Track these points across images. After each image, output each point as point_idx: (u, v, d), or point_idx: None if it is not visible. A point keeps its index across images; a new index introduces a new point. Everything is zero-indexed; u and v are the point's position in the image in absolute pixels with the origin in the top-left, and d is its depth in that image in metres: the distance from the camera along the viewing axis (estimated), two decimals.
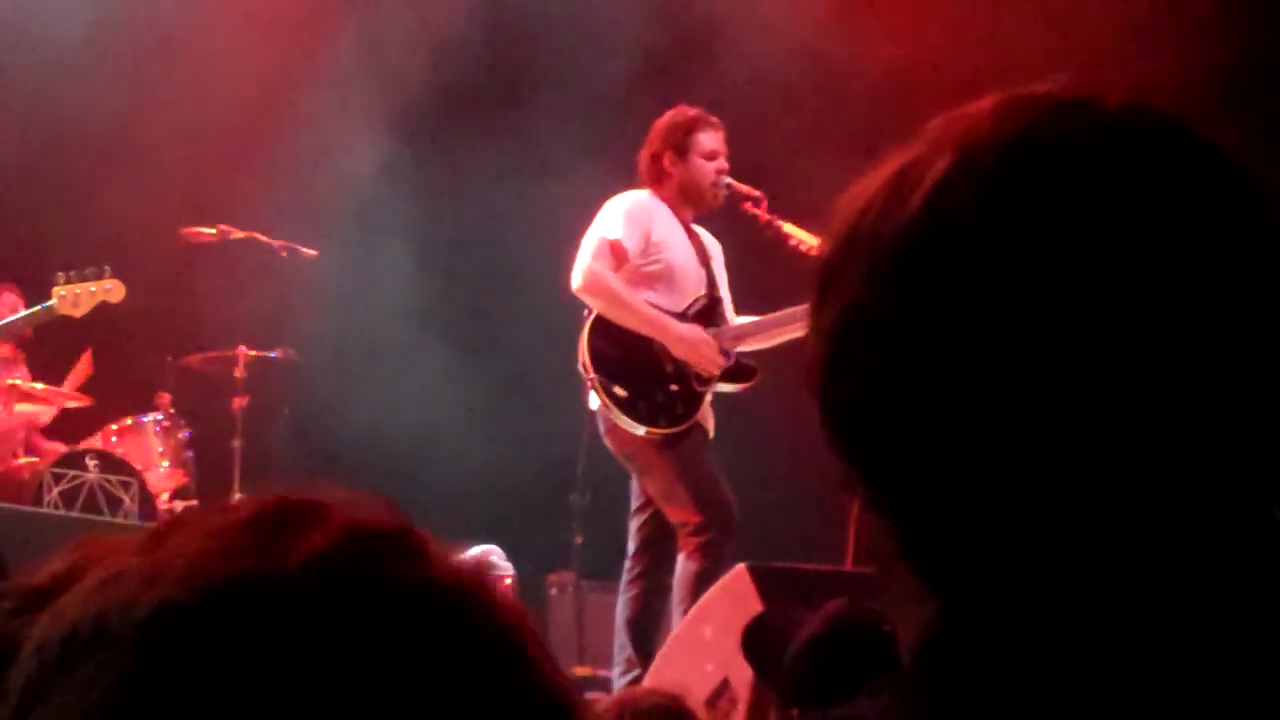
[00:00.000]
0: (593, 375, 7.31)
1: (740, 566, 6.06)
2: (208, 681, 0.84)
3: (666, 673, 6.02)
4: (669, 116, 7.65)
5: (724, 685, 5.56)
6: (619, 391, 7.29)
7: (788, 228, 7.53)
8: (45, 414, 9.76)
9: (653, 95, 8.28)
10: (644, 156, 7.58)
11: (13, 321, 7.91)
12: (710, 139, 7.59)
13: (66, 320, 7.78)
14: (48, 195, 10.06)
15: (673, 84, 9.19)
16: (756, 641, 4.13)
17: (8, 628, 1.71)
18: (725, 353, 7.42)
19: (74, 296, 7.70)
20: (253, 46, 10.77)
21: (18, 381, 9.56)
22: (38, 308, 7.78)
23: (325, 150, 10.76)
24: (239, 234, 9.55)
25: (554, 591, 9.25)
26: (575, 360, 7.38)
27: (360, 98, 11.02)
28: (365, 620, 0.86)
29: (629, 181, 7.61)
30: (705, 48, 10.58)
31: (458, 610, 0.89)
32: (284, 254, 9.67)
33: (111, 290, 7.73)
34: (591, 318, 7.34)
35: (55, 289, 7.72)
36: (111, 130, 10.34)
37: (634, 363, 7.34)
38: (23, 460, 9.34)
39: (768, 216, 7.56)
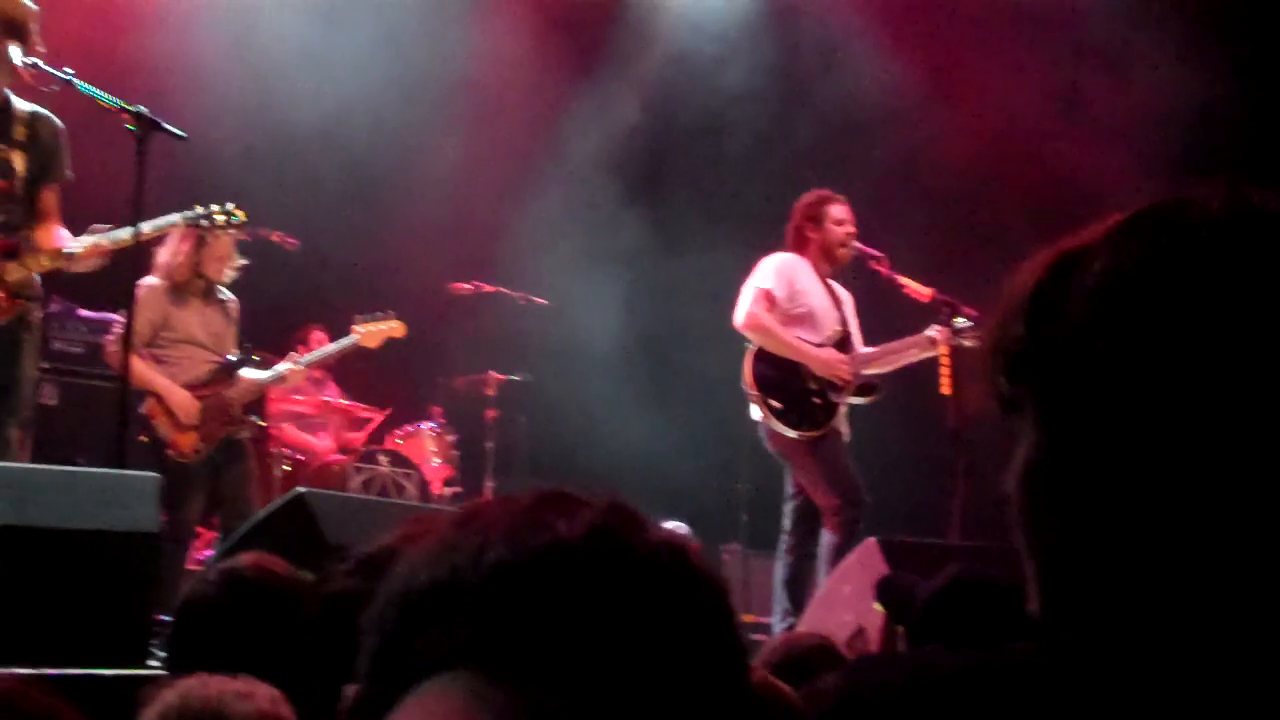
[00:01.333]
0: (755, 392, 7.30)
1: (870, 539, 6.02)
2: (539, 621, 0.90)
3: (815, 620, 5.96)
4: (807, 195, 7.65)
5: (860, 630, 5.50)
6: (775, 404, 7.27)
7: (902, 279, 7.53)
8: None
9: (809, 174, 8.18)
10: (789, 227, 7.60)
11: (326, 354, 8.00)
12: (839, 210, 7.59)
13: (363, 350, 7.86)
14: (349, 253, 10.19)
15: (826, 171, 9.09)
16: (886, 594, 4.10)
17: (346, 584, 1.74)
18: (855, 373, 7.37)
19: (369, 333, 7.77)
20: (498, 132, 10.88)
21: (328, 398, 9.72)
22: (343, 342, 7.85)
23: (559, 217, 10.83)
24: (489, 288, 9.72)
25: (725, 558, 9.19)
26: (741, 381, 7.36)
27: (588, 175, 11.08)
28: (630, 573, 0.93)
29: (780, 246, 7.60)
30: (846, 145, 10.51)
31: (685, 564, 0.97)
32: (523, 302, 9.81)
33: (396, 329, 7.79)
34: (752, 348, 7.33)
35: (355, 327, 7.78)
36: (400, 197, 10.47)
37: (786, 381, 7.30)
38: (333, 457, 9.46)
39: (887, 271, 7.55)
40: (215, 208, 6.53)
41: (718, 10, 11.35)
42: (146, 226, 5.93)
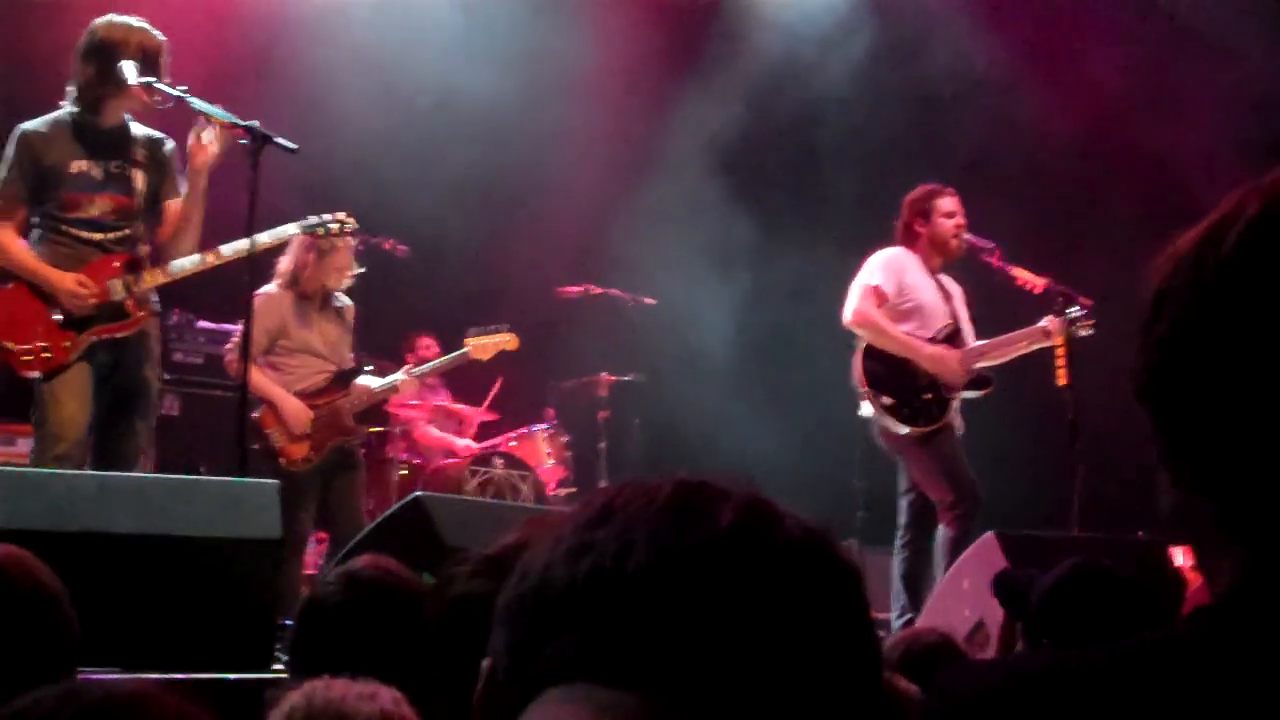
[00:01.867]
0: (865, 389, 7.25)
1: (989, 533, 5.95)
2: (685, 627, 0.89)
3: (934, 616, 5.92)
4: (916, 189, 7.59)
5: (979, 625, 5.45)
6: (886, 400, 7.21)
7: (1014, 270, 7.45)
8: (466, 427, 10.00)
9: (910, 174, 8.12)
10: (898, 221, 7.55)
11: (438, 365, 8.06)
12: (948, 203, 7.52)
13: (474, 360, 7.92)
14: (459, 259, 10.28)
15: (932, 162, 9.04)
16: (1005, 588, 4.06)
17: (468, 587, 1.74)
18: (966, 367, 7.30)
19: (481, 346, 7.81)
20: (611, 131, 10.91)
21: (443, 403, 9.81)
22: (456, 354, 7.90)
23: (664, 218, 10.85)
24: (597, 290, 9.75)
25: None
26: (851, 378, 7.32)
27: (690, 175, 11.09)
28: (774, 569, 0.93)
29: (889, 241, 7.55)
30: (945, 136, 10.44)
31: (827, 550, 0.98)
32: (631, 304, 9.84)
33: (509, 341, 7.82)
34: (862, 345, 7.28)
35: (467, 339, 7.83)
36: (508, 201, 10.55)
37: (896, 378, 7.24)
38: (448, 460, 9.53)
39: (999, 262, 7.47)
40: (328, 216, 6.71)
41: (815, 4, 11.32)
42: (263, 237, 6.11)
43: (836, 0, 11.22)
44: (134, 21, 6.04)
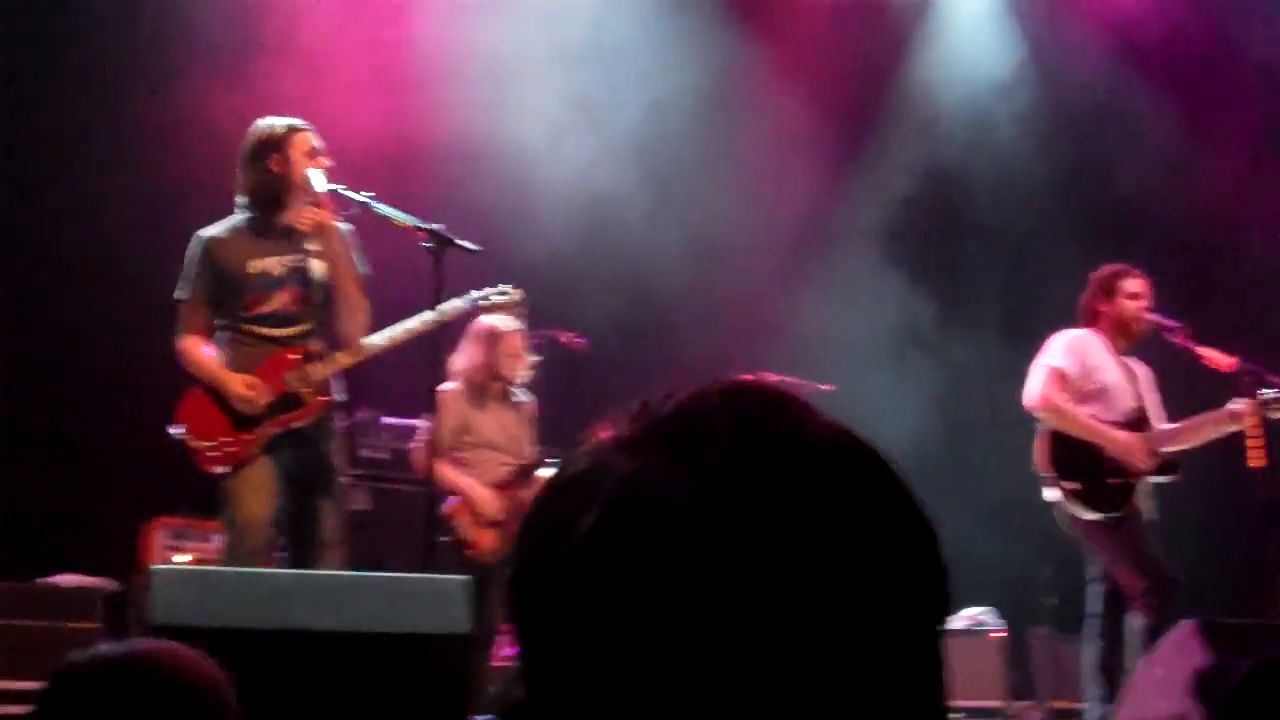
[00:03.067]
0: (1050, 474, 7.14)
1: (1188, 621, 5.79)
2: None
3: (1132, 710, 5.77)
4: (1101, 269, 7.50)
5: (1179, 719, 5.29)
6: (1071, 485, 7.09)
7: (1201, 349, 7.30)
8: None
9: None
10: (1081, 301, 7.45)
11: None
12: (1133, 284, 7.41)
13: None
14: (634, 350, 10.36)
15: (1114, 241, 8.91)
16: (1204, 684, 3.94)
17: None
18: (1153, 452, 7.13)
19: None
20: (774, 216, 10.96)
21: None
22: None
23: (835, 302, 10.84)
24: (772, 378, 9.73)
25: (1034, 643, 9.00)
26: (1034, 462, 7.21)
27: (868, 255, 11.08)
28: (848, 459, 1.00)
29: (1068, 322, 7.45)
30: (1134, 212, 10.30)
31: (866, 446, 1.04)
32: (808, 390, 9.81)
33: None
34: (1044, 429, 7.17)
35: None
36: (679, 289, 10.61)
37: (1080, 462, 7.11)
38: None
39: (1185, 341, 7.32)
40: (489, 289, 6.82)
41: (987, 79, 11.31)
42: (430, 315, 6.20)
43: (1010, 67, 11.21)
44: (296, 122, 6.25)
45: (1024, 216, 10.96)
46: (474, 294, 6.81)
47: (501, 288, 6.86)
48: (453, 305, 6.60)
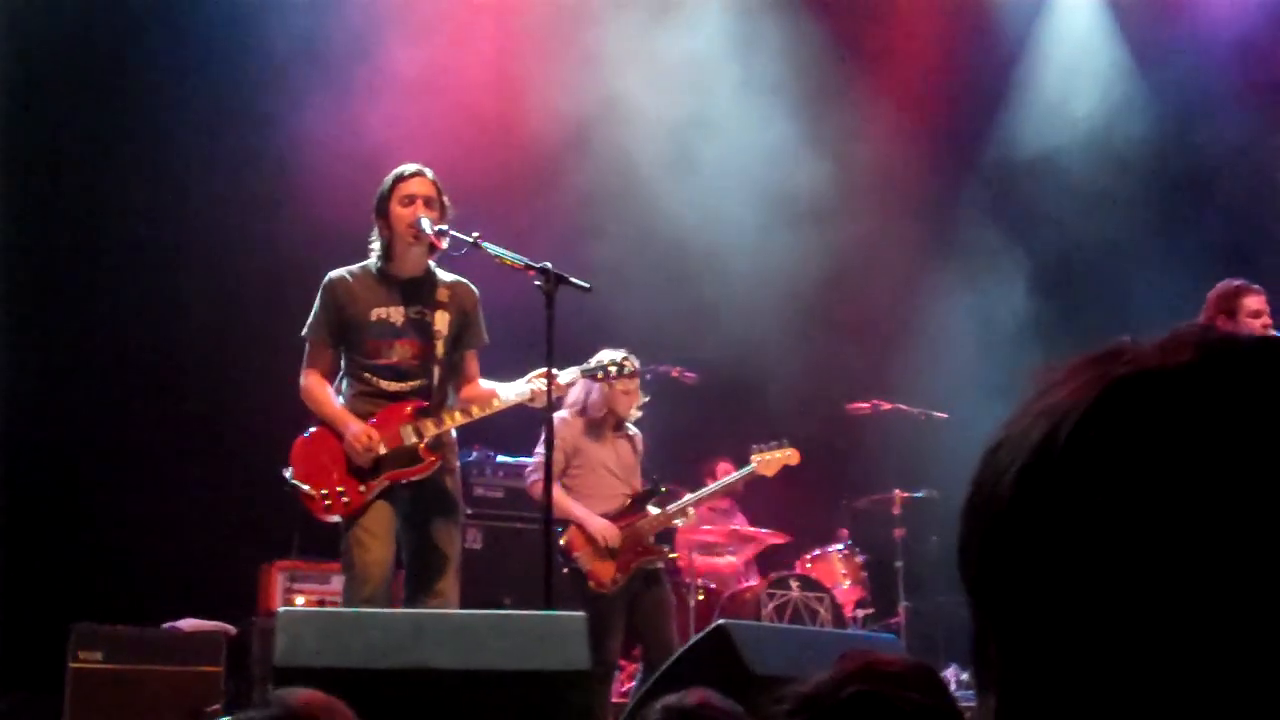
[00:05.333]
0: None
1: None
2: None
3: None
4: (1220, 286, 7.37)
5: None
6: None
7: None
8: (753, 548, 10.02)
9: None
10: (1203, 321, 7.31)
11: (724, 485, 8.19)
12: (1254, 301, 7.28)
13: (762, 478, 8.00)
14: (745, 381, 10.34)
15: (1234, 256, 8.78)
16: None
17: None
18: None
19: (765, 462, 7.91)
20: (882, 247, 10.90)
21: (737, 527, 9.84)
22: (741, 472, 8.04)
23: (948, 329, 10.76)
24: (887, 405, 9.68)
25: None
26: None
27: (970, 281, 11.00)
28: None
29: None
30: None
31: None
32: (922, 418, 9.73)
33: (791, 456, 7.91)
34: None
35: (753, 457, 7.95)
36: (788, 319, 10.58)
37: None
38: (744, 585, 9.53)
39: None
40: (607, 359, 6.92)
41: (1100, 97, 11.21)
42: (541, 385, 6.19)
43: (1118, 85, 11.11)
44: (406, 169, 6.31)
45: (1133, 229, 10.84)
46: (592, 363, 6.88)
47: (616, 359, 6.91)
48: (569, 374, 6.65)
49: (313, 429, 6.26)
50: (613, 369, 6.91)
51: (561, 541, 7.22)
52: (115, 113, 9.18)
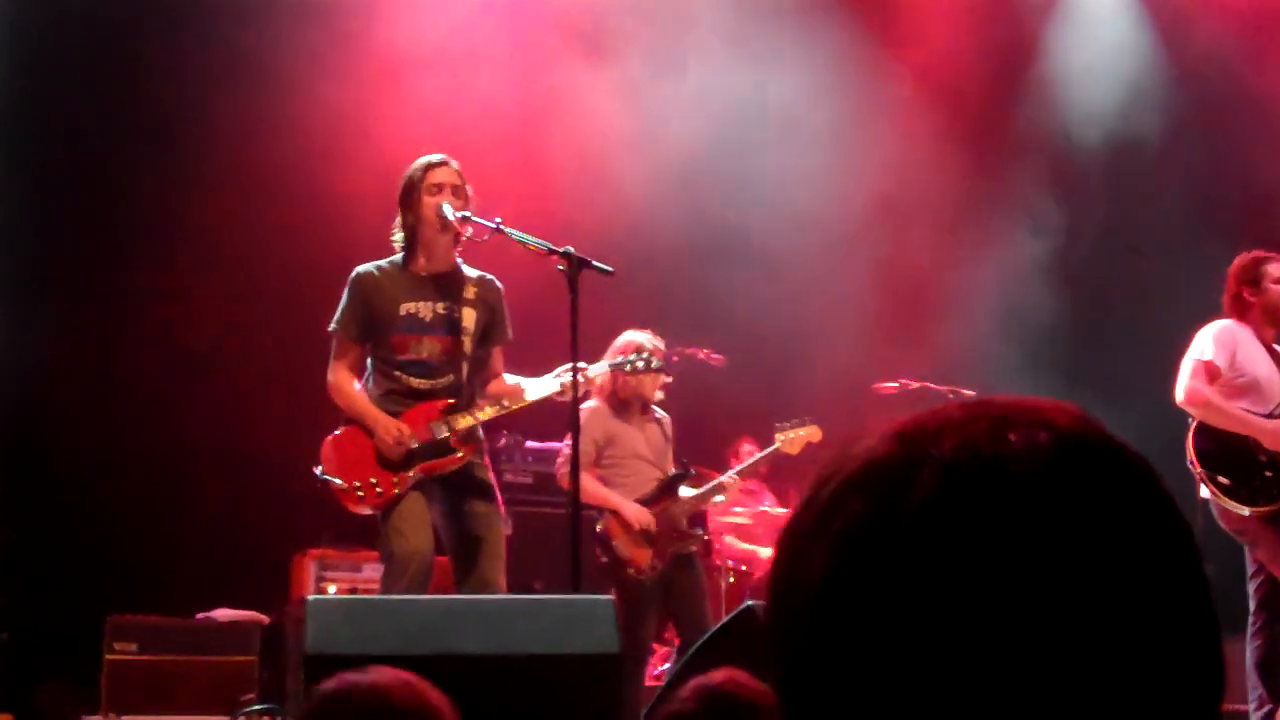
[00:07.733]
0: (1200, 470, 6.96)
1: None
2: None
3: None
4: (1242, 257, 7.30)
5: None
6: (1223, 481, 6.92)
7: None
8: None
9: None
10: (1226, 294, 7.26)
11: (755, 461, 8.19)
12: (1276, 268, 7.20)
13: (786, 457, 7.98)
14: (772, 362, 10.31)
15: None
16: None
17: None
18: None
19: (789, 440, 7.90)
20: (910, 231, 10.86)
21: (766, 508, 9.82)
22: (767, 450, 8.03)
23: (988, 302, 10.73)
24: (915, 384, 9.62)
25: None
26: (1185, 459, 7.04)
27: (1008, 260, 10.96)
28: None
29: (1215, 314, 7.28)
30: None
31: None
32: (950, 396, 9.68)
33: (814, 434, 7.90)
34: (1195, 424, 7.00)
35: (777, 435, 7.93)
36: (818, 299, 10.56)
37: (1233, 457, 6.94)
38: None
39: None
40: (634, 354, 6.98)
41: (1125, 96, 11.18)
42: (568, 379, 6.17)
43: (1143, 77, 11.06)
44: (433, 159, 6.31)
45: (1159, 213, 10.78)
46: (619, 359, 6.91)
47: (643, 355, 6.93)
48: (598, 369, 6.67)
49: (341, 428, 6.27)
50: (640, 364, 6.94)
51: (598, 529, 7.24)
52: (119, 112, 9.16)
